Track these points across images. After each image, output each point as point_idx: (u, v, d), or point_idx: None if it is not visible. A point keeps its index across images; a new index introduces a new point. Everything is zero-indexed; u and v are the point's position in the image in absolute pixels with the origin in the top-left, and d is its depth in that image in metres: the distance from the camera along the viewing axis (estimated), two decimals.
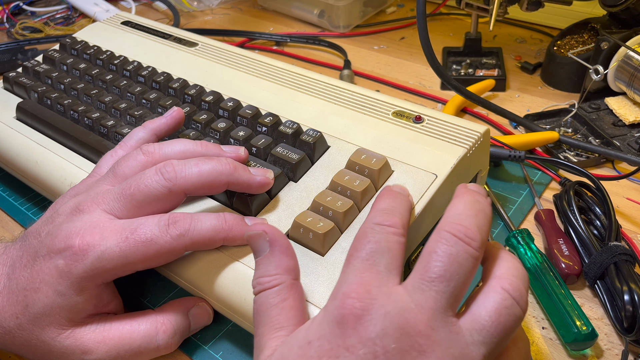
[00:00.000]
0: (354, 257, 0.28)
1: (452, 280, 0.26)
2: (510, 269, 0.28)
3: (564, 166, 0.48)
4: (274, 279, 0.30)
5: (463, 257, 0.27)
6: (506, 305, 0.26)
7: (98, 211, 0.34)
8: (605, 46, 0.56)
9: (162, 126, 0.42)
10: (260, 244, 0.32)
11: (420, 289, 0.26)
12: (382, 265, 0.27)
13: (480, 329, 0.26)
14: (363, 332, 0.25)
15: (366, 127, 0.43)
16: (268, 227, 0.32)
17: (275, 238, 0.31)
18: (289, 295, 0.30)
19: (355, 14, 0.81)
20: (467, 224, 0.28)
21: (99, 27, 0.64)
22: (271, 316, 0.29)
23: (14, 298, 0.34)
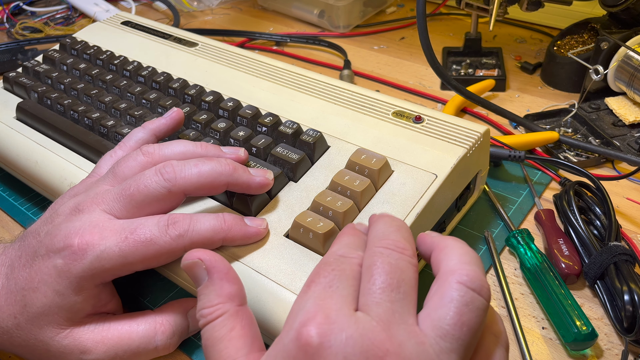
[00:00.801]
0: (315, 283, 0.26)
1: (401, 286, 0.25)
2: (461, 256, 0.26)
3: (564, 166, 0.48)
4: (217, 309, 0.29)
5: (403, 264, 0.26)
6: (466, 302, 0.24)
7: (97, 211, 0.34)
8: (605, 46, 0.56)
9: (162, 127, 0.42)
10: (197, 272, 0.30)
11: (375, 303, 0.25)
12: (340, 292, 0.26)
13: (444, 335, 0.24)
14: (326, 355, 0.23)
15: (366, 127, 0.43)
16: (203, 254, 0.30)
17: (212, 265, 0.30)
18: (235, 324, 0.28)
19: (355, 14, 0.81)
20: (393, 237, 0.28)
21: (99, 27, 0.64)
22: (220, 350, 0.28)
23: (13, 298, 0.34)
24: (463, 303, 0.25)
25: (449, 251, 0.27)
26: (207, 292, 0.29)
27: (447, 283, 0.25)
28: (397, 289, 0.25)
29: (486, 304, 0.25)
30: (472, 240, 0.44)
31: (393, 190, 0.38)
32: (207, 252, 0.30)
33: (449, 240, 0.28)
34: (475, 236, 0.45)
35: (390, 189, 0.38)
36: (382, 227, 0.29)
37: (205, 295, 0.29)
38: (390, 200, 0.37)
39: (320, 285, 0.26)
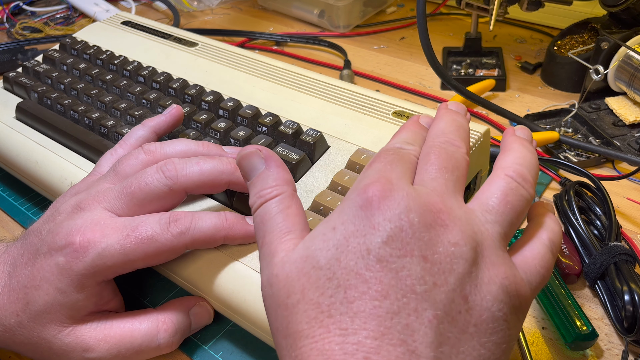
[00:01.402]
0: (376, 162, 0.29)
1: (455, 171, 0.28)
2: (516, 159, 0.29)
3: (564, 166, 0.48)
4: (275, 189, 0.30)
5: (458, 155, 0.29)
6: (511, 187, 0.28)
7: (99, 209, 0.34)
8: (606, 46, 0.56)
9: (162, 124, 0.42)
10: (255, 162, 0.31)
11: (431, 179, 0.28)
12: (399, 168, 0.28)
13: (490, 209, 0.27)
14: (387, 209, 0.25)
15: (366, 127, 0.43)
16: (259, 146, 0.32)
17: (270, 154, 0.32)
18: (291, 204, 0.30)
19: (355, 14, 0.81)
20: (451, 135, 0.30)
21: (99, 27, 0.64)
22: (277, 222, 0.29)
23: (15, 296, 0.34)
24: (508, 187, 0.28)
25: (509, 153, 0.30)
26: (264, 177, 0.31)
27: (496, 175, 0.29)
28: (452, 172, 0.28)
29: (528, 195, 0.28)
30: None
31: None
32: (262, 146, 0.32)
33: (515, 144, 0.31)
34: None
35: None
36: (442, 125, 0.31)
37: (262, 179, 0.31)
38: None
39: (381, 162, 0.28)
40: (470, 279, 0.24)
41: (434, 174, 0.28)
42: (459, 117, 0.32)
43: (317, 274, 0.25)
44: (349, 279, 0.24)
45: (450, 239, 0.25)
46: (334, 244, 0.25)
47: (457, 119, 0.32)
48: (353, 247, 0.25)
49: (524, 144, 0.31)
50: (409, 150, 0.30)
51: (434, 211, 0.26)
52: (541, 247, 0.28)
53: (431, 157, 0.29)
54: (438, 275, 0.24)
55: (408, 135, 0.32)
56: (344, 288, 0.24)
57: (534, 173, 0.29)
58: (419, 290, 0.24)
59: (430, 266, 0.24)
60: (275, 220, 0.29)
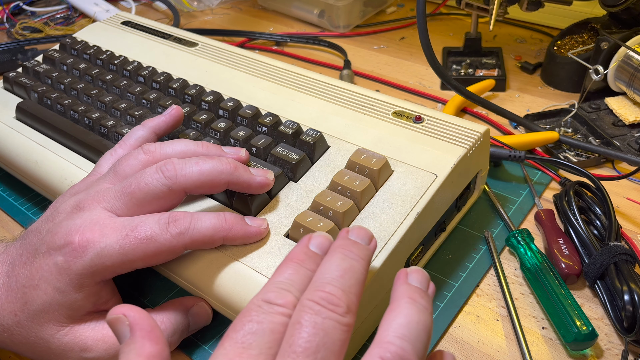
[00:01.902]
0: (229, 338, 0.25)
1: (319, 351, 0.24)
2: (399, 328, 0.24)
3: (564, 166, 0.48)
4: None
5: (328, 324, 0.24)
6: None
7: (98, 209, 0.34)
8: (605, 46, 0.56)
9: (162, 124, 0.42)
10: (120, 328, 0.27)
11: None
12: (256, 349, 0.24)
13: None
14: None
15: (366, 127, 0.43)
16: (128, 310, 0.28)
17: (136, 322, 0.27)
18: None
19: (355, 14, 0.81)
20: (329, 288, 0.26)
21: (99, 27, 0.64)
22: None
23: (13, 295, 0.34)
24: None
25: (392, 316, 0.25)
26: (127, 351, 0.27)
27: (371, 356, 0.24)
28: (314, 355, 0.24)
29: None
30: (471, 240, 0.44)
31: (393, 190, 0.38)
32: (133, 309, 0.28)
33: (401, 301, 0.26)
34: (475, 236, 0.45)
35: (390, 189, 0.38)
36: (327, 268, 0.27)
37: (125, 354, 0.26)
38: (390, 200, 0.37)
39: (233, 342, 0.25)
40: None
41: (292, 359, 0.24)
42: (352, 253, 0.28)
43: None
44: None
45: None
46: None
47: (350, 255, 0.27)
48: None
49: (413, 299, 0.26)
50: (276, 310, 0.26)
51: None
52: None
53: (296, 331, 0.24)
54: None
55: (287, 276, 0.27)
56: None
57: (421, 347, 0.24)
58: None
59: None
60: None
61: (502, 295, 0.40)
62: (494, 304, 0.40)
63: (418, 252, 0.39)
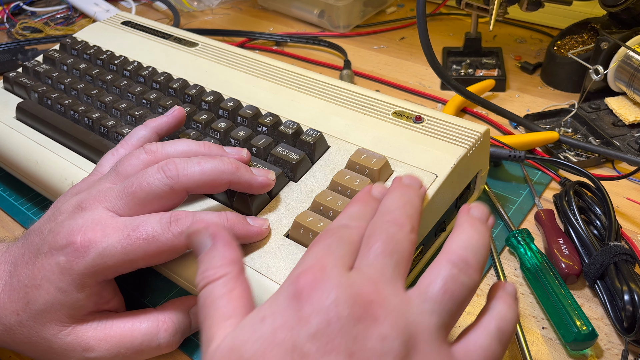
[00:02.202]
0: (315, 245, 0.28)
1: (394, 254, 0.27)
2: (462, 242, 0.28)
3: (564, 166, 0.48)
4: (220, 270, 0.29)
5: (400, 236, 0.28)
6: (452, 274, 0.27)
7: (100, 209, 0.34)
8: (605, 46, 0.56)
9: (164, 125, 0.42)
10: (202, 239, 0.30)
11: (368, 264, 0.27)
12: (338, 253, 0.28)
13: (428, 298, 0.26)
14: (316, 301, 0.25)
15: (366, 127, 0.43)
16: (208, 222, 0.31)
17: (217, 232, 0.30)
18: (236, 286, 0.29)
19: (355, 14, 0.81)
20: (395, 214, 0.29)
21: (99, 27, 0.64)
22: (219, 307, 0.28)
23: (15, 295, 0.34)
24: (449, 275, 0.27)
25: (456, 235, 0.29)
26: (210, 257, 0.30)
27: (439, 261, 0.28)
28: (390, 256, 0.27)
29: (471, 283, 0.27)
30: None
31: None
32: (211, 221, 0.31)
33: (465, 225, 0.29)
34: None
35: None
36: (389, 202, 0.30)
37: (208, 258, 0.30)
38: None
39: (320, 246, 0.28)
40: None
41: (371, 259, 0.27)
42: (409, 192, 0.31)
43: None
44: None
45: (380, 332, 0.24)
46: (260, 335, 0.25)
47: (407, 193, 0.31)
48: (279, 341, 0.24)
49: (474, 225, 0.29)
50: (352, 230, 0.29)
51: (365, 302, 0.25)
52: (486, 338, 0.27)
53: (371, 240, 0.28)
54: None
55: (356, 210, 0.31)
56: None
57: (481, 257, 0.28)
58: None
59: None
60: (217, 305, 0.28)
61: None
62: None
63: (418, 252, 0.39)
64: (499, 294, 0.29)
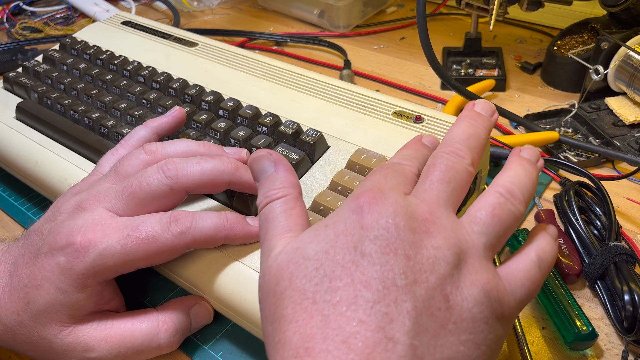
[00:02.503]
0: (372, 174, 0.30)
1: (451, 183, 0.29)
2: (509, 177, 0.30)
3: (564, 166, 0.48)
4: (281, 191, 0.31)
5: (459, 166, 0.30)
6: (500, 202, 0.28)
7: (100, 209, 0.34)
8: (605, 46, 0.56)
9: (164, 125, 0.42)
10: (265, 164, 0.33)
11: (424, 189, 0.29)
12: (393, 181, 0.29)
13: (477, 221, 0.28)
14: (376, 213, 0.27)
15: (366, 127, 0.43)
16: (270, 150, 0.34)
17: (279, 158, 0.33)
18: (295, 205, 0.31)
19: (355, 14, 0.81)
20: (458, 145, 0.31)
21: (99, 27, 0.64)
22: (280, 221, 0.30)
23: (16, 295, 0.34)
24: (496, 202, 0.29)
25: (505, 172, 0.31)
26: (272, 179, 0.32)
27: (487, 191, 0.29)
28: (447, 184, 0.29)
29: (517, 211, 0.29)
30: None
31: None
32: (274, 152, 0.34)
33: (514, 164, 0.31)
34: None
35: None
36: (454, 133, 0.32)
37: (270, 181, 0.32)
38: None
39: (376, 175, 0.30)
40: (451, 281, 0.25)
41: (428, 185, 0.29)
42: (477, 122, 0.32)
43: (306, 264, 0.26)
44: (335, 270, 0.25)
45: (434, 243, 0.26)
46: (324, 238, 0.27)
47: (475, 123, 0.32)
48: (341, 243, 0.26)
49: (522, 164, 0.31)
50: (405, 165, 0.31)
51: (420, 219, 0.27)
52: (528, 262, 0.29)
53: (430, 169, 0.30)
54: (420, 273, 0.25)
55: (408, 152, 0.33)
56: (330, 278, 0.25)
57: (526, 192, 0.30)
58: (400, 284, 0.24)
59: (412, 264, 0.25)
60: (278, 220, 0.30)
61: None
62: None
63: None
64: (540, 233, 0.31)
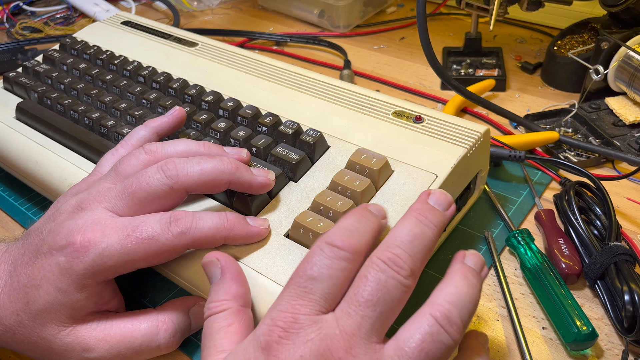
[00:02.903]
0: (292, 282, 0.28)
1: (379, 305, 0.26)
2: (449, 295, 0.27)
3: (564, 166, 0.48)
4: (221, 305, 0.31)
5: (392, 284, 0.27)
6: (431, 333, 0.26)
7: (100, 209, 0.34)
8: (606, 46, 0.56)
9: (164, 125, 0.42)
10: (213, 270, 0.33)
11: (347, 314, 0.26)
12: (317, 294, 0.27)
13: (403, 355, 0.25)
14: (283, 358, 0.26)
15: (366, 127, 0.43)
16: (221, 255, 0.33)
17: (227, 265, 0.33)
18: (234, 321, 0.31)
19: (355, 14, 0.81)
20: (398, 250, 0.28)
21: (99, 27, 0.64)
22: (215, 340, 0.30)
23: (15, 295, 0.34)
24: (429, 332, 0.26)
25: (444, 285, 0.28)
26: (217, 289, 0.32)
27: (422, 313, 0.27)
28: (374, 307, 0.26)
29: (452, 343, 0.26)
30: (472, 240, 0.44)
31: (393, 190, 0.38)
32: (224, 255, 0.33)
33: (456, 275, 0.28)
34: (475, 236, 0.45)
35: (390, 189, 0.38)
36: (397, 232, 0.29)
37: (215, 291, 0.32)
38: (391, 200, 0.37)
39: (295, 285, 0.28)
40: None
41: (353, 309, 0.26)
42: (425, 220, 0.29)
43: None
44: None
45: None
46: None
47: (423, 221, 0.29)
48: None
49: (465, 276, 0.28)
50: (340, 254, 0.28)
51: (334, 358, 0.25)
52: None
53: (359, 283, 0.27)
54: None
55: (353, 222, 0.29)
56: None
57: (466, 314, 0.27)
58: None
59: None
60: (214, 337, 0.30)
61: (502, 296, 0.40)
62: (494, 304, 0.40)
63: None
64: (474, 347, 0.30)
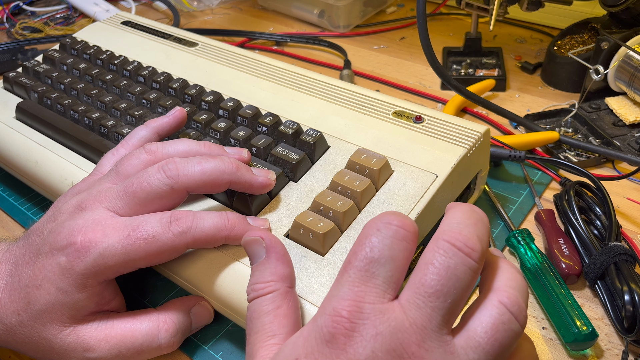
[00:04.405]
0: (351, 266, 0.26)
1: (450, 295, 0.24)
2: (510, 281, 0.26)
3: (564, 166, 0.48)
4: (268, 286, 0.30)
5: (461, 270, 0.25)
6: (503, 321, 0.25)
7: (100, 209, 0.34)
8: (606, 46, 0.56)
9: (165, 125, 0.42)
10: (257, 250, 0.31)
11: (416, 305, 0.24)
12: (380, 278, 0.25)
13: (476, 346, 0.24)
14: (352, 353, 0.24)
15: (366, 127, 0.43)
16: (265, 233, 0.31)
17: (272, 244, 0.31)
18: (282, 303, 0.29)
19: (355, 14, 0.81)
20: (466, 232, 0.25)
21: (99, 27, 0.64)
22: (264, 323, 0.29)
23: (16, 295, 0.34)
24: (500, 321, 0.25)
25: (500, 272, 0.27)
26: (262, 269, 0.30)
27: (489, 300, 0.26)
28: (444, 298, 0.24)
29: (520, 330, 0.25)
30: None
31: (393, 190, 0.38)
32: (268, 233, 0.32)
33: (504, 263, 0.28)
34: None
35: (390, 189, 0.38)
36: (458, 217, 0.26)
37: (260, 271, 0.30)
38: (391, 200, 0.37)
39: (355, 269, 0.25)
40: None
41: (421, 300, 0.24)
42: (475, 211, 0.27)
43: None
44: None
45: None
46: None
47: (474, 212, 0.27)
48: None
49: (510, 263, 0.28)
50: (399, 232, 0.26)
51: (405, 357, 0.23)
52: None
53: (427, 272, 0.25)
54: None
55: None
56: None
57: (526, 298, 0.26)
58: None
59: None
60: (262, 321, 0.29)
61: None
62: None
63: (418, 252, 0.39)
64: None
